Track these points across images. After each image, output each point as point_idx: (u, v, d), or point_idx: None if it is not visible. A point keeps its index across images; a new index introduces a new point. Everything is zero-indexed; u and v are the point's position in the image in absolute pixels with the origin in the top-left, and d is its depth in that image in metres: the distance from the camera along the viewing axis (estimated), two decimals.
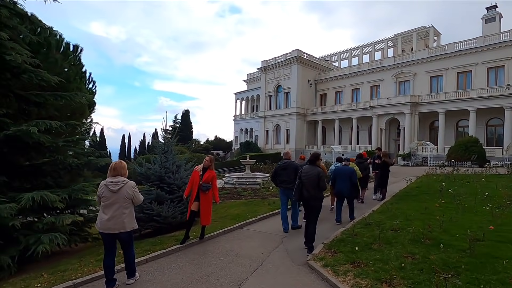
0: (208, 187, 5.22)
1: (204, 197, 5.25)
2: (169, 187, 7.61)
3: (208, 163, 5.39)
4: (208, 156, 5.59)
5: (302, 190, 4.78)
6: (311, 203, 4.77)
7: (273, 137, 43.77)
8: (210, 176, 5.29)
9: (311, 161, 4.94)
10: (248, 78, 53.86)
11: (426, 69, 31.24)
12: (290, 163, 6.19)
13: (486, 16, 32.09)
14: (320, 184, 4.68)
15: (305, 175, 4.80)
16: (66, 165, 7.05)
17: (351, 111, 35.42)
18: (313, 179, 4.68)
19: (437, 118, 29.03)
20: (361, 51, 45.22)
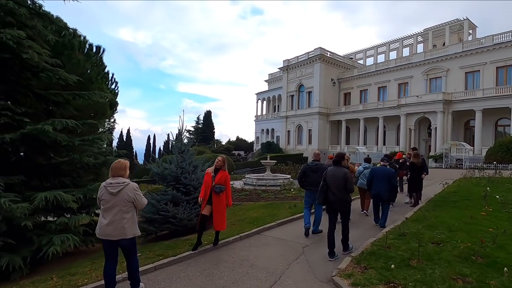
0: (221, 188, 4.85)
1: (217, 200, 4.87)
2: (185, 188, 7.34)
3: (220, 163, 5.01)
4: (220, 156, 5.21)
5: (327, 193, 4.48)
6: (338, 206, 4.47)
7: (295, 137, 42.93)
8: (223, 177, 4.93)
9: (336, 161, 4.63)
10: (270, 78, 53.38)
11: (461, 65, 29.09)
12: (321, 165, 5.83)
13: None
14: (347, 186, 4.38)
15: (330, 176, 4.49)
16: (84, 165, 6.98)
17: (377, 110, 33.83)
18: (339, 181, 4.39)
19: (473, 117, 26.90)
20: (388, 47, 43.16)
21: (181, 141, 8.01)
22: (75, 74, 10.67)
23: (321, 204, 4.87)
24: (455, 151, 25.71)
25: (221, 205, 4.93)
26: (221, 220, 4.96)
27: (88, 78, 10.73)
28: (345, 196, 4.46)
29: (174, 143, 7.95)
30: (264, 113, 51.61)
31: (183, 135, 8.19)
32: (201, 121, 61.58)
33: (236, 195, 11.83)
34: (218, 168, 4.99)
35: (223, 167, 5.03)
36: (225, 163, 5.07)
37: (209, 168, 5.18)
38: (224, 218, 5.03)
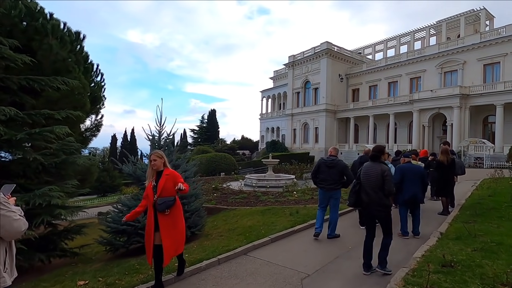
0: (168, 203, 3.31)
1: (165, 222, 3.30)
2: None
3: (158, 163, 3.45)
4: (155, 152, 3.57)
5: (359, 193, 3.79)
6: (372, 210, 3.70)
7: (301, 135, 41.38)
8: (168, 182, 3.37)
9: (374, 156, 3.82)
10: (275, 75, 51.95)
11: (479, 56, 27.13)
12: (338, 161, 5.28)
13: None
14: (385, 186, 3.61)
15: (365, 174, 3.78)
16: (37, 164, 5.75)
17: (387, 106, 32.05)
18: (375, 180, 3.66)
19: (493, 112, 24.98)
20: (398, 41, 41.24)
21: (161, 136, 6.71)
22: (47, 61, 9.46)
23: (353, 206, 4.21)
24: (473, 149, 23.86)
25: (173, 227, 3.36)
26: (174, 246, 3.38)
27: (64, 67, 9.52)
28: (382, 199, 3.63)
29: (151, 138, 6.65)
30: (269, 111, 50.21)
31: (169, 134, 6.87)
32: (205, 120, 60.50)
33: (232, 198, 10.53)
34: (160, 170, 3.48)
35: (164, 164, 3.52)
36: (163, 158, 3.52)
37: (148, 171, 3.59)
38: (179, 242, 3.48)
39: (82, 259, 6.18)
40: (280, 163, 21.39)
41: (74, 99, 9.78)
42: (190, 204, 6.22)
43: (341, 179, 5.21)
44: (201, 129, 57.98)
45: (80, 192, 6.83)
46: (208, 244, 5.78)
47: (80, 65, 10.60)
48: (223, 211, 9.11)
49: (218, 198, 10.73)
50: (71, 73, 9.81)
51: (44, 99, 8.49)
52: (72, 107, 9.87)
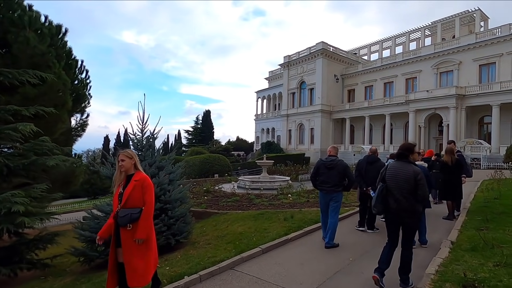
0: (132, 216, 2.71)
1: (127, 239, 2.74)
2: None
3: (127, 165, 2.86)
4: (125, 151, 2.96)
5: (387, 199, 3.23)
6: (402, 218, 3.16)
7: (296, 136, 40.96)
8: (136, 190, 2.78)
9: (401, 155, 3.29)
10: (270, 76, 51.53)
11: (474, 57, 27.02)
12: (338, 161, 4.87)
13: None
14: (418, 191, 3.09)
15: (392, 176, 3.25)
16: (1, 166, 5.15)
17: (383, 107, 31.80)
18: (405, 183, 3.13)
19: (488, 112, 24.86)
20: (394, 42, 41.11)
21: (143, 135, 6.14)
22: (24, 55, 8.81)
23: (380, 214, 3.60)
24: (470, 149, 23.65)
25: (136, 246, 2.73)
26: (139, 272, 2.73)
27: (43, 62, 8.90)
28: (414, 205, 3.12)
29: (133, 138, 6.08)
30: (264, 112, 49.74)
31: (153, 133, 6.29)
32: (200, 121, 59.80)
33: (223, 201, 9.98)
34: (130, 174, 2.88)
35: (135, 166, 2.92)
36: (133, 159, 2.93)
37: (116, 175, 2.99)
38: (147, 263, 2.82)
39: (54, 272, 5.58)
40: (275, 164, 20.89)
41: (54, 96, 9.16)
42: (174, 209, 5.67)
43: (342, 181, 4.77)
44: (196, 130, 57.28)
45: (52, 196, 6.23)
46: (194, 253, 5.24)
47: (62, 61, 9.99)
48: (214, 216, 8.56)
49: (209, 202, 10.17)
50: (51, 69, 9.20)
51: (20, 96, 7.88)
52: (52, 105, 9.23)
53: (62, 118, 9.73)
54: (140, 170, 3.01)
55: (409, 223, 3.16)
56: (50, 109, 5.81)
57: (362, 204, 5.98)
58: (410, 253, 3.16)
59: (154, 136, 6.16)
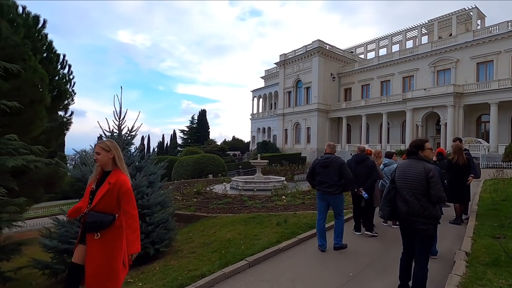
0: (102, 223, 2.24)
1: (93, 247, 2.28)
2: None
3: (103, 159, 2.37)
4: (100, 142, 2.49)
5: (395, 201, 2.88)
6: (414, 223, 2.77)
7: (293, 136, 40.46)
8: (111, 194, 2.29)
9: (411, 152, 2.94)
10: (266, 75, 50.98)
11: (472, 55, 26.70)
12: (333, 159, 4.50)
13: None
14: (431, 191, 2.69)
15: (401, 175, 2.91)
16: None
17: (380, 105, 31.41)
18: (416, 182, 2.78)
19: (486, 111, 24.55)
20: (390, 40, 40.77)
21: (121, 132, 5.54)
22: None
23: (388, 218, 3.30)
24: (468, 148, 23.25)
25: (103, 254, 2.26)
26: (99, 283, 2.27)
27: (17, 54, 8.25)
28: (427, 208, 2.70)
29: (107, 135, 5.48)
30: (260, 111, 49.20)
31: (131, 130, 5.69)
32: (195, 121, 59.03)
33: (214, 203, 9.40)
34: (108, 171, 2.40)
35: (114, 161, 2.40)
36: (113, 151, 2.40)
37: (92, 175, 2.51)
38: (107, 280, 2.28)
39: (17, 286, 4.96)
40: (270, 164, 20.36)
41: (30, 92, 8.51)
42: (153, 215, 5.08)
43: (340, 180, 4.36)
44: (191, 130, 56.52)
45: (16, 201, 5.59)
46: (175, 264, 4.68)
47: (39, 54, 9.34)
48: (202, 220, 7.99)
49: (199, 204, 9.59)
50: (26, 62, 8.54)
51: None
52: (29, 101, 8.63)
53: (40, 115, 9.06)
54: (120, 168, 2.43)
55: (422, 231, 2.70)
56: (13, 103, 5.17)
57: (356, 207, 5.56)
58: (423, 271, 2.68)
59: (131, 133, 5.57)
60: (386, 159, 6.09)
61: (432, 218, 2.71)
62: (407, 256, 2.92)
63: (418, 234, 2.76)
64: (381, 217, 3.23)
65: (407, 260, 2.90)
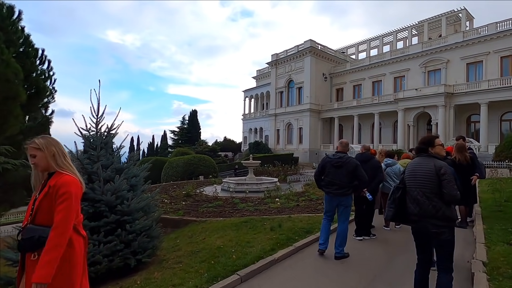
0: (40, 239, 1.72)
1: (31, 269, 1.75)
2: (93, 206, 4.38)
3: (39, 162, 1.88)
4: (30, 141, 1.93)
5: (404, 202, 2.62)
6: (427, 225, 2.47)
7: (285, 136, 40.19)
8: (49, 200, 1.79)
9: (420, 149, 2.71)
10: (258, 75, 50.63)
11: (462, 55, 26.94)
12: (347, 159, 4.10)
13: None
14: (443, 189, 2.42)
15: (411, 174, 2.65)
16: None
17: (372, 105, 31.42)
18: (427, 181, 2.51)
19: (476, 111, 24.78)
20: (381, 41, 40.95)
21: (98, 130, 5.02)
22: None
23: (389, 220, 2.93)
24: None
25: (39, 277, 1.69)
26: None
27: None
28: (440, 208, 2.44)
29: (85, 134, 4.94)
30: (252, 112, 48.79)
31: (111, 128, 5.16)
32: (186, 121, 58.17)
33: (204, 206, 8.92)
34: (50, 172, 1.91)
35: (56, 164, 1.90)
36: (44, 150, 1.88)
37: None
38: None
39: None
40: (263, 165, 19.95)
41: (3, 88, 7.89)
42: (135, 222, 4.58)
43: (351, 182, 4.05)
44: (182, 131, 55.69)
45: None
46: (158, 277, 4.20)
47: (14, 47, 8.68)
48: (191, 224, 7.51)
49: (188, 207, 9.09)
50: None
51: None
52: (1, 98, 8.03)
53: (14, 113, 8.42)
54: (63, 170, 1.92)
55: (435, 234, 2.43)
56: None
57: (358, 209, 5.25)
58: (449, 279, 2.43)
59: (111, 132, 5.05)
60: (389, 159, 5.79)
61: (446, 220, 2.44)
62: (422, 268, 2.60)
63: (432, 239, 2.49)
64: (385, 219, 2.90)
65: (423, 273, 2.59)
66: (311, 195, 10.00)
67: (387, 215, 2.75)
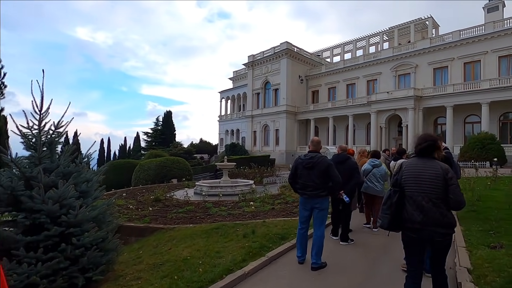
0: None
1: None
2: (31, 217, 3.71)
3: None
4: None
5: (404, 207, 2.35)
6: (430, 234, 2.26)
7: (262, 138, 40.00)
8: None
9: (424, 150, 2.39)
10: (234, 76, 50.18)
11: (429, 60, 28.25)
12: (319, 159, 3.79)
13: (488, 5, 29.39)
14: (450, 195, 2.22)
15: (413, 177, 2.35)
16: None
17: (346, 108, 32.08)
18: (433, 185, 2.26)
19: (442, 114, 26.05)
20: (355, 45, 42.13)
21: (41, 129, 4.32)
22: None
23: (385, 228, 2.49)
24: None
25: None
26: None
27: None
28: (446, 215, 2.26)
29: (25, 133, 4.23)
30: (228, 113, 48.16)
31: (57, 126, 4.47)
32: (160, 122, 56.20)
33: (174, 212, 8.30)
34: None
35: None
36: None
37: None
38: None
39: None
40: (239, 167, 19.49)
41: None
42: (83, 234, 3.94)
43: (326, 183, 3.73)
44: (156, 132, 53.64)
45: None
46: None
47: None
48: (158, 232, 6.87)
49: (156, 213, 8.41)
50: None
51: None
52: None
53: None
54: None
55: (442, 243, 2.29)
56: None
57: (334, 210, 5.09)
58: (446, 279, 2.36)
59: (57, 130, 4.37)
60: (375, 160, 5.65)
61: (450, 227, 2.29)
62: (414, 278, 2.39)
63: (436, 246, 2.33)
64: (380, 227, 2.58)
65: (415, 285, 2.40)
66: (287, 197, 9.70)
67: (382, 223, 2.46)
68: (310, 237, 4.41)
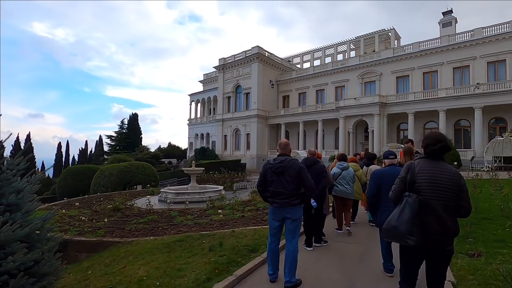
0: None
1: None
2: None
3: None
4: None
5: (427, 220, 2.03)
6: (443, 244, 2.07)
7: (232, 142, 39.45)
8: None
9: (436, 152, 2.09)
10: (205, 79, 49.23)
11: (392, 69, 29.78)
12: (289, 162, 3.41)
13: (443, 20, 31.82)
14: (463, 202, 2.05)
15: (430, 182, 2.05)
16: None
17: (316, 113, 32.69)
18: (451, 192, 2.04)
19: (404, 120, 27.46)
20: (323, 53, 43.39)
21: None
22: None
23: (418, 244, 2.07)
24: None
25: None
26: None
27: None
28: (456, 223, 2.10)
29: None
30: (198, 117, 47.01)
31: None
32: (125, 125, 53.34)
33: (134, 222, 7.50)
34: None
35: None
36: None
37: None
38: None
39: None
40: (208, 172, 18.81)
41: None
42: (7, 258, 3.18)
43: (299, 189, 3.36)
44: (120, 136, 50.83)
45: None
46: None
47: None
48: (112, 247, 6.08)
49: (113, 225, 7.54)
50: None
51: None
52: None
53: None
54: None
55: (450, 251, 2.13)
56: None
57: (306, 217, 4.79)
58: None
59: None
60: (343, 163, 5.60)
61: (456, 235, 2.14)
62: None
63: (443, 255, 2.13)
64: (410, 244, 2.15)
65: None
66: (258, 203, 9.31)
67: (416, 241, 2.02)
68: (282, 249, 4.04)
